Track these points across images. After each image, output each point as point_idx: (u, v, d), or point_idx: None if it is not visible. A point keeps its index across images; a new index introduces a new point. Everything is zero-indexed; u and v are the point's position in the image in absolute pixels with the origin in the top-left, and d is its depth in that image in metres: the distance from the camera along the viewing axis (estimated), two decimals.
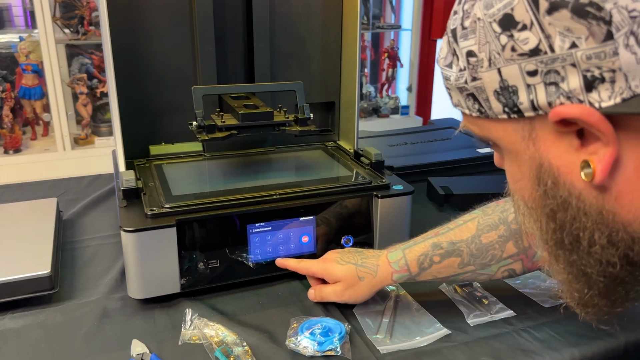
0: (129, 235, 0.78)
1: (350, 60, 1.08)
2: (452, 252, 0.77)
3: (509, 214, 0.77)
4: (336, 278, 0.79)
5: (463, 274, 0.78)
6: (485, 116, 0.46)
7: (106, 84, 2.56)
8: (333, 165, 1.05)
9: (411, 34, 3.12)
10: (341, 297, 0.78)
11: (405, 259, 0.77)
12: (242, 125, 0.92)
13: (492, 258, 0.76)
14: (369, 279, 0.77)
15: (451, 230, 0.79)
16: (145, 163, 1.02)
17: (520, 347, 0.72)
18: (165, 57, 1.02)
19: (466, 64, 0.45)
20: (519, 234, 0.76)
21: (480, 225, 0.78)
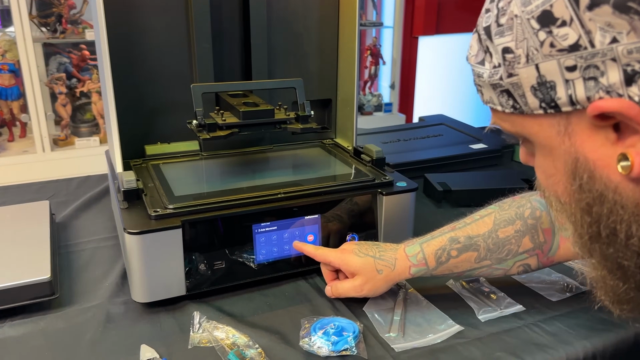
0: (133, 238, 0.76)
1: (348, 56, 1.07)
2: (469, 246, 0.76)
3: (526, 209, 0.77)
4: (353, 270, 0.77)
5: (479, 268, 0.77)
6: (520, 112, 0.46)
7: (86, 84, 2.51)
8: (334, 163, 1.04)
9: (393, 32, 3.13)
10: (360, 292, 0.77)
11: (423, 253, 0.77)
12: (243, 123, 0.90)
13: (508, 253, 0.76)
14: (387, 272, 0.77)
15: (468, 225, 0.78)
16: (141, 163, 0.99)
17: (533, 342, 0.72)
18: (161, 55, 0.99)
19: (502, 61, 0.45)
20: (535, 229, 0.76)
21: (497, 220, 0.78)
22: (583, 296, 0.83)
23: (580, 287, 0.85)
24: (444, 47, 3.26)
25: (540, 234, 0.76)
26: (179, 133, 1.04)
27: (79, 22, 2.52)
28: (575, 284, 0.86)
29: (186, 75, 1.02)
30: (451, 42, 3.27)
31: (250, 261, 0.84)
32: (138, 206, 0.82)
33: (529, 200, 0.79)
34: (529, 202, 0.79)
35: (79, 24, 2.52)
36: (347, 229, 0.91)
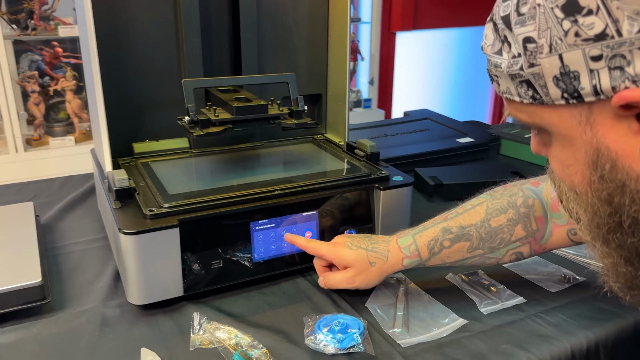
0: (129, 238, 0.73)
1: (339, 50, 1.06)
2: (461, 236, 0.76)
3: (518, 197, 0.77)
4: (346, 262, 0.77)
5: (471, 258, 0.77)
6: (540, 103, 0.46)
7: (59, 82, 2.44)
8: (328, 158, 1.03)
9: (371, 27, 3.13)
10: (352, 283, 0.77)
11: (416, 244, 0.77)
12: (237, 119, 0.89)
13: (501, 242, 0.76)
14: (379, 264, 0.76)
15: (460, 214, 0.78)
16: (130, 162, 0.97)
17: (537, 333, 0.73)
18: (148, 50, 0.97)
19: (522, 51, 0.44)
20: (528, 217, 0.76)
21: (489, 209, 0.78)
22: (581, 286, 0.84)
23: (577, 278, 0.85)
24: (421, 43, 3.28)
25: (532, 222, 0.77)
26: (168, 130, 1.02)
27: (51, 18, 2.45)
28: (572, 274, 0.86)
29: (175, 70, 0.99)
30: (428, 38, 3.29)
31: (248, 259, 0.83)
32: (131, 206, 0.80)
33: (521, 189, 0.79)
34: (521, 191, 0.79)
35: (51, 21, 2.45)
36: (344, 224, 0.90)
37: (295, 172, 0.94)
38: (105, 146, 0.87)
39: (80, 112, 2.54)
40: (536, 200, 0.78)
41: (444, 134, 1.47)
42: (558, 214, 0.77)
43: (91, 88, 0.92)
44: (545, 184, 0.79)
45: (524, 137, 1.43)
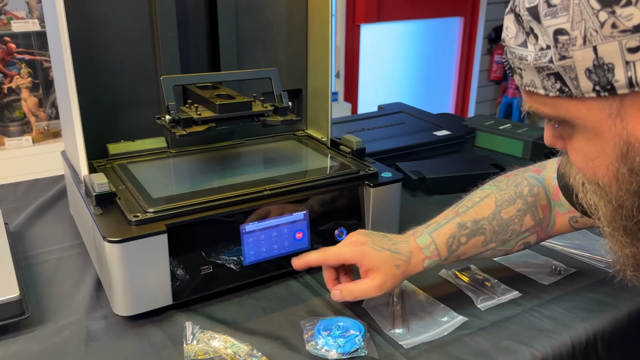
0: (114, 247, 0.69)
1: (320, 44, 1.03)
2: (476, 231, 0.75)
3: (524, 187, 0.77)
4: (372, 265, 0.70)
5: (484, 252, 0.76)
6: (568, 95, 0.45)
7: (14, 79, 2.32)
8: (313, 155, 1.00)
9: (335, 20, 3.10)
10: (381, 291, 0.70)
11: (435, 244, 0.74)
12: (220, 117, 0.85)
13: (512, 233, 0.76)
14: (404, 266, 0.72)
15: (471, 208, 0.77)
16: (105, 164, 0.92)
17: (536, 328, 0.72)
18: (122, 46, 0.91)
19: (553, 43, 0.43)
20: (535, 207, 0.76)
21: (498, 200, 0.77)
22: (572, 278, 0.84)
23: (568, 269, 0.86)
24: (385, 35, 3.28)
25: (539, 210, 0.76)
26: (144, 129, 0.97)
27: (3, 12, 2.32)
28: (562, 266, 0.87)
29: (150, 67, 0.95)
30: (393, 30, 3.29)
31: (238, 263, 0.79)
32: (113, 211, 0.76)
33: (525, 178, 0.79)
34: (525, 180, 0.78)
35: (3, 15, 2.33)
36: (334, 224, 0.87)
37: (282, 171, 0.92)
38: (81, 148, 0.82)
39: (36, 111, 2.42)
40: (541, 189, 0.77)
41: (420, 127, 1.46)
42: (559, 202, 0.77)
43: (62, 87, 0.87)
44: (545, 172, 0.79)
45: (498, 129, 1.44)
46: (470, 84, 3.73)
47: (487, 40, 3.62)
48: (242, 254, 0.79)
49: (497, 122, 1.49)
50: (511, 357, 0.67)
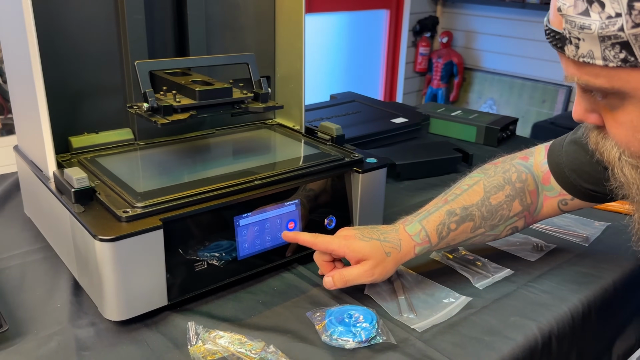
0: (106, 246, 0.63)
1: (292, 29, 1.00)
2: (465, 217, 0.76)
3: (512, 173, 0.78)
4: (361, 255, 0.71)
5: (473, 237, 0.77)
6: (632, 65, 0.45)
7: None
8: (292, 144, 0.97)
9: None
10: (371, 276, 0.71)
11: (425, 231, 0.74)
12: (201, 104, 0.80)
13: (500, 218, 0.77)
14: (394, 253, 0.72)
15: (459, 195, 0.77)
16: (70, 158, 0.84)
17: (536, 302, 0.74)
18: (84, 30, 0.84)
19: (626, 10, 0.43)
20: (523, 192, 0.78)
21: (487, 187, 0.78)
22: (554, 253, 0.87)
23: (548, 245, 0.89)
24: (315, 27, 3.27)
25: (527, 196, 0.78)
26: (107, 120, 0.90)
27: None
28: (542, 242, 0.90)
29: (114, 52, 0.88)
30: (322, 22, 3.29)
31: (232, 258, 0.75)
32: (95, 208, 0.69)
33: (512, 164, 0.80)
34: (513, 167, 0.80)
35: None
36: (323, 212, 0.85)
37: (266, 160, 0.88)
38: (48, 142, 0.75)
39: None
40: (529, 175, 0.79)
41: (376, 115, 1.47)
42: (549, 186, 0.79)
43: (20, 76, 0.79)
44: (533, 158, 0.81)
45: (451, 115, 1.48)
46: (397, 75, 3.82)
47: (412, 32, 3.71)
48: (236, 247, 0.75)
49: (448, 109, 1.53)
50: (521, 332, 0.68)
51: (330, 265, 0.75)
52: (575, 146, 0.76)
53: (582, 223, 0.98)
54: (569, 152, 0.77)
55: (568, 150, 0.77)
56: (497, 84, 3.61)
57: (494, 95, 3.64)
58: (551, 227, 0.95)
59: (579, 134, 0.77)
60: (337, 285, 0.72)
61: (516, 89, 3.52)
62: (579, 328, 0.74)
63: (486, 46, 3.61)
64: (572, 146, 0.77)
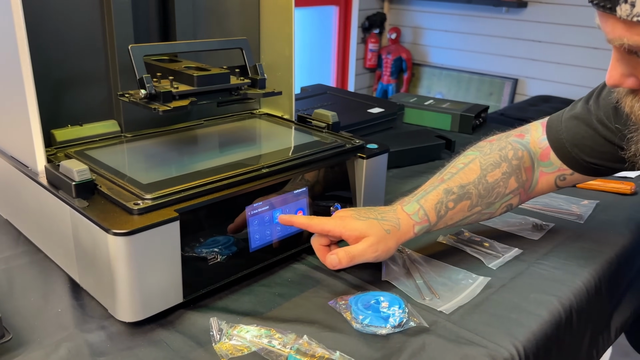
0: (121, 241, 0.58)
1: (279, 15, 0.97)
2: (462, 195, 0.75)
3: (508, 150, 0.79)
4: (359, 233, 0.69)
5: (470, 216, 0.77)
6: None
7: None
8: (288, 132, 0.94)
9: None
10: (375, 252, 0.69)
11: (424, 209, 0.74)
12: (200, 90, 0.76)
13: (497, 196, 0.77)
14: (394, 231, 0.71)
15: (455, 174, 0.77)
16: (56, 152, 0.77)
17: (550, 278, 0.75)
18: (65, 16, 0.78)
19: None
20: (519, 169, 0.78)
21: (483, 165, 0.78)
22: (554, 232, 0.89)
23: (547, 224, 0.91)
24: None
25: (523, 172, 0.79)
26: (90, 112, 0.85)
27: None
28: (539, 222, 0.91)
29: (97, 39, 0.82)
30: None
31: (244, 249, 0.72)
32: (99, 203, 0.64)
33: (509, 142, 0.81)
34: (509, 144, 0.80)
35: None
36: (328, 199, 0.83)
37: (268, 149, 0.85)
38: (37, 135, 0.70)
39: None
40: (525, 152, 0.80)
41: (352, 106, 1.45)
42: (548, 162, 0.80)
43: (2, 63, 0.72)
44: (529, 135, 0.82)
45: (424, 104, 1.49)
46: (347, 72, 3.83)
47: (361, 29, 3.74)
48: (248, 238, 0.72)
49: (420, 99, 1.54)
50: (544, 308, 0.68)
51: (326, 250, 0.73)
52: (576, 121, 0.78)
53: (571, 202, 1.00)
54: (569, 128, 0.78)
55: (568, 125, 0.78)
56: (445, 79, 3.70)
57: (442, 89, 3.73)
58: (545, 207, 0.97)
59: (578, 109, 0.78)
60: (342, 262, 0.68)
61: (464, 82, 3.61)
62: (593, 301, 0.75)
63: (433, 42, 3.69)
64: (573, 121, 0.78)
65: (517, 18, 3.25)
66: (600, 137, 0.75)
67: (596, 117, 0.76)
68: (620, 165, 0.75)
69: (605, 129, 0.74)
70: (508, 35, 3.32)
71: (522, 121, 0.88)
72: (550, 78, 3.21)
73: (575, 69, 3.09)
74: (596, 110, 0.76)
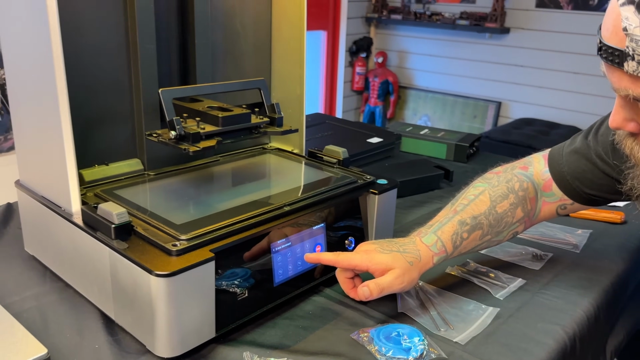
0: (163, 281, 0.62)
1: (291, 55, 1.03)
2: (475, 226, 0.81)
3: (514, 182, 0.85)
4: (385, 266, 0.75)
5: (481, 244, 0.83)
6: None
7: None
8: (302, 168, 0.99)
9: None
10: (402, 283, 0.75)
11: (441, 241, 0.79)
12: (225, 130, 0.81)
13: (505, 225, 0.83)
14: (416, 262, 0.76)
15: (468, 205, 0.83)
16: (85, 192, 0.81)
17: (554, 308, 0.80)
18: (95, 58, 0.82)
19: None
20: (525, 200, 0.85)
21: (493, 196, 0.83)
22: (553, 261, 0.94)
23: (546, 254, 0.96)
24: None
25: (528, 203, 0.85)
26: (114, 151, 0.88)
27: None
28: (539, 252, 0.97)
29: (124, 81, 0.86)
30: None
31: (269, 284, 0.76)
32: (137, 243, 0.68)
33: (514, 174, 0.87)
34: (515, 176, 0.86)
35: None
36: (343, 234, 0.88)
37: (286, 186, 0.89)
38: (72, 177, 0.73)
39: None
40: (529, 183, 0.86)
41: (351, 136, 1.51)
42: (550, 193, 0.86)
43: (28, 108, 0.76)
44: (532, 168, 0.87)
45: (420, 134, 1.55)
46: (335, 94, 3.90)
47: (349, 53, 3.82)
48: (272, 273, 0.76)
49: (415, 128, 1.60)
50: (550, 337, 0.74)
51: (352, 282, 0.79)
52: (577, 155, 0.84)
53: (566, 231, 1.06)
54: (570, 162, 0.84)
55: (569, 159, 0.85)
56: (431, 101, 3.79)
57: (428, 111, 3.82)
58: (542, 236, 1.03)
59: (578, 144, 0.85)
60: (373, 294, 0.74)
61: (449, 105, 3.71)
62: (593, 328, 0.80)
63: (419, 65, 3.79)
64: (573, 155, 0.84)
65: (500, 43, 3.36)
66: (599, 171, 0.81)
67: (595, 152, 0.82)
68: (617, 197, 0.82)
69: (603, 163, 0.81)
70: (491, 60, 3.43)
71: (507, 144, 0.94)
72: (533, 101, 3.31)
73: (556, 92, 3.20)
74: (595, 146, 0.82)
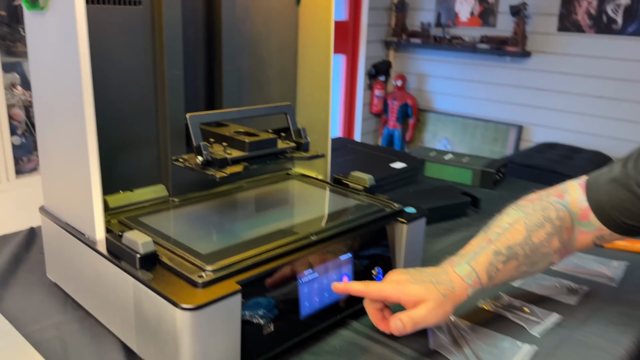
0: (188, 315, 0.60)
1: (317, 81, 1.01)
2: (510, 257, 0.77)
3: (550, 211, 0.81)
4: (417, 298, 0.71)
5: (516, 275, 0.79)
6: None
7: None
8: (328, 195, 0.97)
9: None
10: (435, 317, 0.70)
11: (475, 272, 0.75)
12: (251, 155, 0.80)
13: (541, 255, 0.80)
14: (450, 295, 0.72)
15: (502, 235, 0.79)
16: (110, 219, 0.79)
17: (593, 346, 0.76)
18: (122, 83, 0.81)
19: None
20: (562, 229, 0.81)
21: (528, 225, 0.80)
22: (590, 296, 0.91)
23: (582, 287, 0.92)
24: None
25: (564, 232, 0.81)
26: (139, 177, 0.87)
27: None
28: (574, 285, 0.93)
29: (150, 106, 0.85)
30: None
31: (294, 316, 0.73)
32: (162, 274, 0.66)
33: (550, 202, 0.83)
34: (551, 205, 0.83)
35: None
36: (370, 263, 0.85)
37: (313, 214, 0.87)
38: (97, 204, 0.72)
39: None
40: (566, 212, 0.82)
41: (374, 160, 1.49)
42: (587, 222, 0.82)
43: (54, 133, 0.75)
44: (569, 196, 0.84)
45: (444, 159, 1.52)
46: (354, 116, 3.90)
47: (368, 76, 3.83)
48: (298, 306, 0.73)
49: (439, 153, 1.58)
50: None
51: (380, 313, 0.75)
52: (615, 184, 0.80)
53: (601, 263, 1.02)
54: (609, 191, 0.81)
55: (608, 189, 0.81)
56: (451, 124, 3.76)
57: (448, 134, 3.79)
58: (576, 268, 0.99)
59: (616, 172, 0.81)
60: (407, 328, 0.70)
61: (469, 128, 3.68)
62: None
63: (438, 88, 3.77)
64: (612, 184, 0.81)
65: (521, 67, 3.34)
66: (639, 201, 0.78)
67: (635, 181, 0.78)
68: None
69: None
70: (512, 84, 3.40)
71: (530, 168, 0.91)
72: (555, 125, 3.27)
73: (579, 116, 3.16)
74: (635, 175, 0.79)
